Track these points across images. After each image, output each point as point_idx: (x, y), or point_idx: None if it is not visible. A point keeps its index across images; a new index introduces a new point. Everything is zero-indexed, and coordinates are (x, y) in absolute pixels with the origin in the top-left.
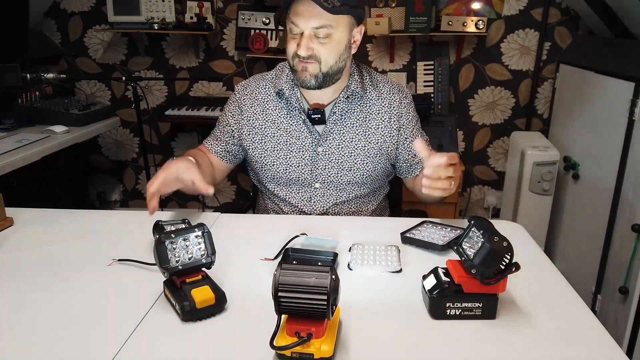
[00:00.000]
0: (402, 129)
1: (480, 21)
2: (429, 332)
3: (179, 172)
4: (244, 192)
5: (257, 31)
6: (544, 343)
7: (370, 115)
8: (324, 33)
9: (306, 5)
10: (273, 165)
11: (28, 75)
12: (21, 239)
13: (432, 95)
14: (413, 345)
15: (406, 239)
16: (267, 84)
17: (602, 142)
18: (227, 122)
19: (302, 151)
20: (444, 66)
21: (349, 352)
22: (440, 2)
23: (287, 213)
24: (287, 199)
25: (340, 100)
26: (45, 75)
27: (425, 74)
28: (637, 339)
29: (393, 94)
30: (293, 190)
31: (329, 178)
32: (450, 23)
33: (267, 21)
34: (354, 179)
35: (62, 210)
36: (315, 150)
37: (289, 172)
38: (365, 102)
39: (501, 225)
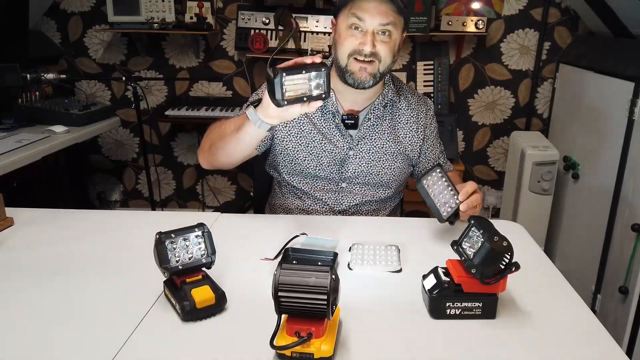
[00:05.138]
0: (426, 138)
1: (480, 21)
2: (428, 332)
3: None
4: (244, 192)
5: (257, 31)
6: (544, 343)
7: (400, 124)
8: (387, 30)
9: (375, 2)
10: (304, 160)
11: (28, 75)
12: (21, 239)
13: (432, 95)
14: (413, 344)
15: (422, 187)
16: None
17: (601, 142)
18: None
19: (334, 152)
20: (443, 66)
21: (349, 352)
22: (440, 2)
23: (310, 207)
24: (311, 193)
25: (376, 107)
26: (45, 75)
27: (425, 74)
28: (637, 339)
29: (420, 105)
30: (319, 185)
31: (356, 179)
32: (450, 23)
33: (267, 21)
34: (380, 182)
35: (62, 210)
36: (346, 153)
37: (319, 169)
38: (396, 110)
39: (501, 225)
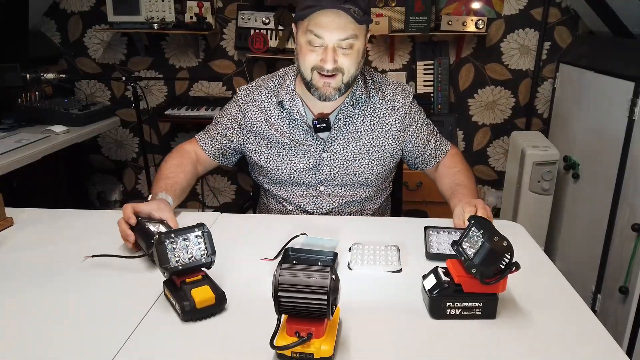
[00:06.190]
0: (407, 128)
1: (480, 21)
2: (429, 332)
3: (151, 213)
4: (244, 192)
5: (257, 31)
6: (544, 343)
7: (375, 119)
8: (348, 44)
9: (331, 16)
10: (278, 170)
11: (28, 75)
12: (21, 239)
13: (432, 95)
14: (413, 345)
15: (432, 255)
16: (270, 93)
17: (602, 142)
18: (227, 124)
19: (307, 157)
20: (443, 66)
21: (349, 352)
22: (440, 2)
23: (291, 212)
24: (291, 200)
25: (345, 107)
26: (45, 75)
27: (425, 74)
28: (637, 339)
29: (396, 95)
30: (298, 191)
31: (334, 182)
32: (450, 23)
33: (267, 21)
34: (359, 182)
35: (62, 210)
36: (319, 156)
37: (294, 176)
38: (369, 107)
39: (501, 225)
